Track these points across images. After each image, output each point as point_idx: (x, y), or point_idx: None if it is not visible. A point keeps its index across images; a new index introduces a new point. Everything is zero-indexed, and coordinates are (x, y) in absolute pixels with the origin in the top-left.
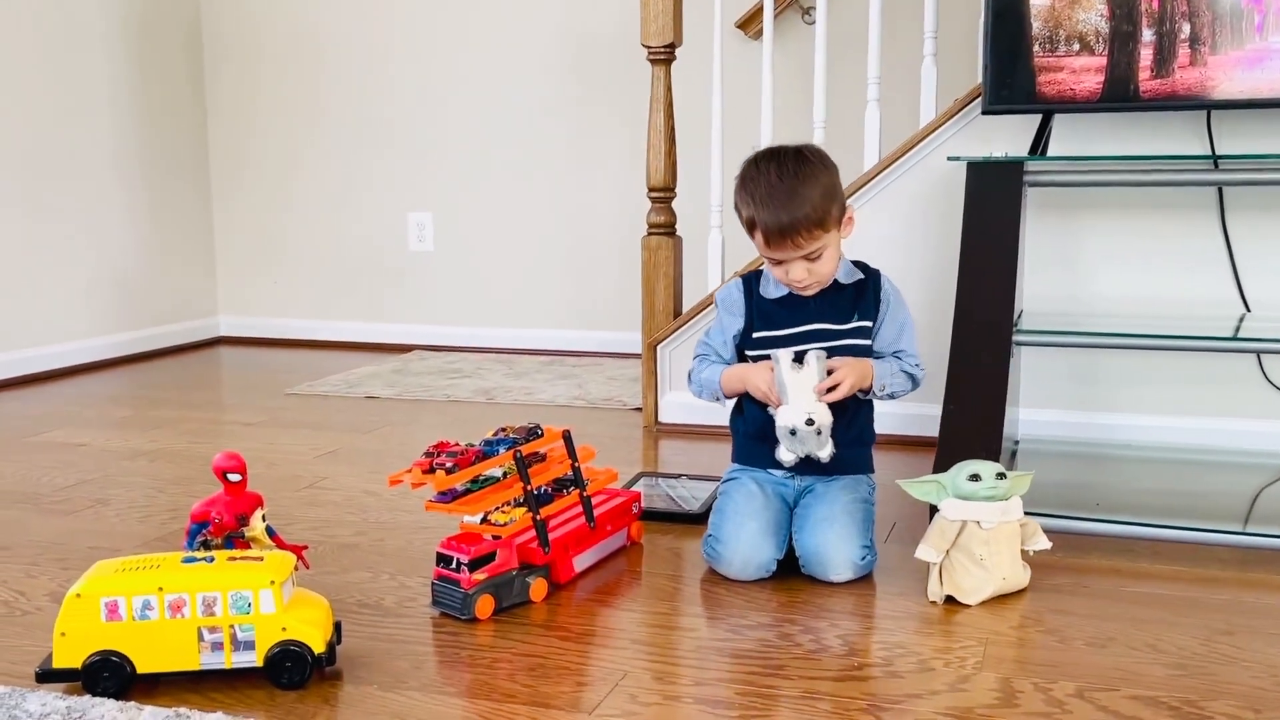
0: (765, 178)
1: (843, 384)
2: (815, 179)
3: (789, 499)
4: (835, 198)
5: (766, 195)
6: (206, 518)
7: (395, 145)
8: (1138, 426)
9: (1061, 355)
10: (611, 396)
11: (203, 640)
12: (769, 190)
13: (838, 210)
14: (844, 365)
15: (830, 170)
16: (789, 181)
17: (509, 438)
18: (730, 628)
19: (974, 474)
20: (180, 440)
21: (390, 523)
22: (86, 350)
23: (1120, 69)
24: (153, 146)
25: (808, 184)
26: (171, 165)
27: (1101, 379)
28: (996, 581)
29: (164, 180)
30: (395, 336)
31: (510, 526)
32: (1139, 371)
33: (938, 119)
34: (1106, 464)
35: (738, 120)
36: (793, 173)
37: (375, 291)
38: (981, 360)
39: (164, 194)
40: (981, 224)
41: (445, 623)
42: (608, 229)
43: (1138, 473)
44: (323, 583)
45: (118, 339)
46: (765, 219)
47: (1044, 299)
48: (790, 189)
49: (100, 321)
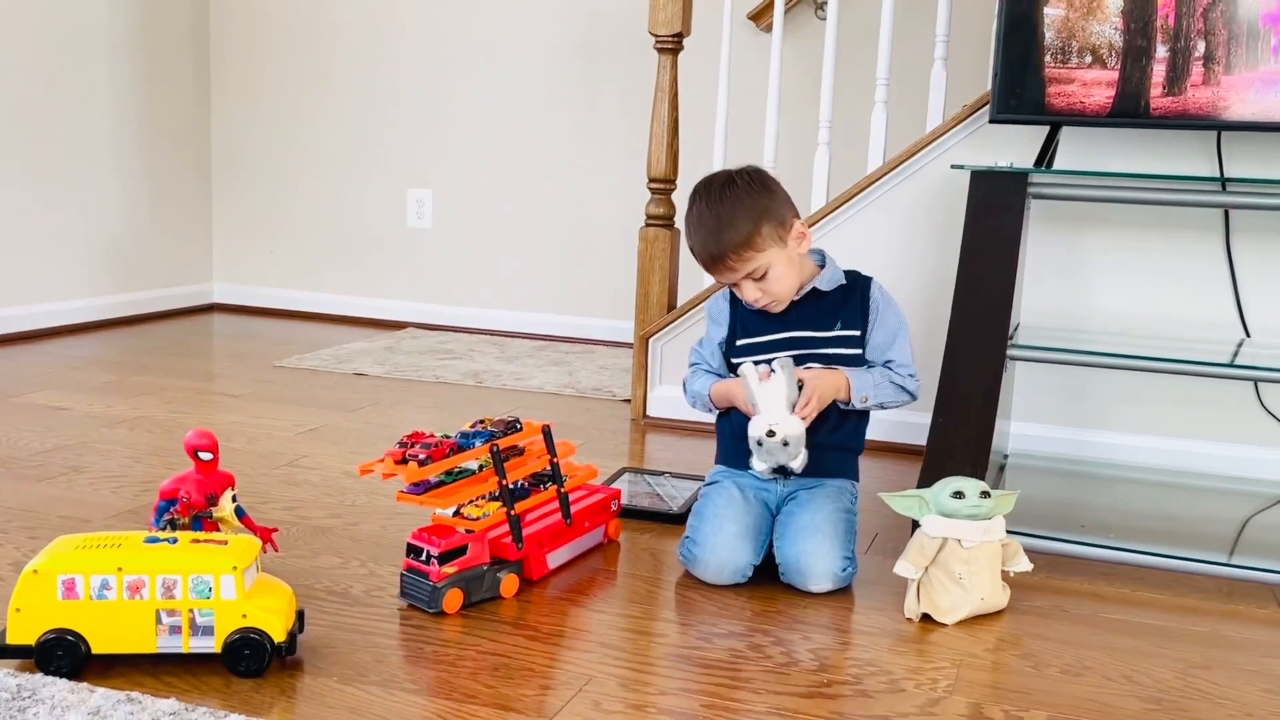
0: (695, 207)
1: (811, 402)
2: (740, 203)
3: (771, 504)
4: (767, 218)
5: (695, 224)
6: (175, 495)
7: (399, 120)
8: (1129, 446)
9: (1056, 370)
10: (601, 386)
11: (161, 623)
12: (697, 219)
13: (772, 229)
14: (813, 378)
15: (762, 192)
16: (715, 208)
17: (486, 430)
18: (701, 635)
19: (958, 491)
20: (163, 409)
21: (366, 506)
22: (76, 311)
23: (1132, 84)
24: (153, 110)
25: (733, 209)
26: (171, 129)
27: (1095, 395)
28: (974, 601)
29: (162, 144)
30: (389, 313)
31: (483, 521)
32: (1134, 390)
33: (944, 125)
34: (1095, 483)
35: (743, 113)
36: (719, 198)
37: (371, 266)
38: (975, 372)
39: (161, 157)
40: (982, 234)
41: (412, 615)
42: (609, 214)
43: (1126, 494)
44: (291, 567)
45: (108, 301)
46: (694, 247)
47: (1042, 313)
48: (715, 216)
49: (92, 283)
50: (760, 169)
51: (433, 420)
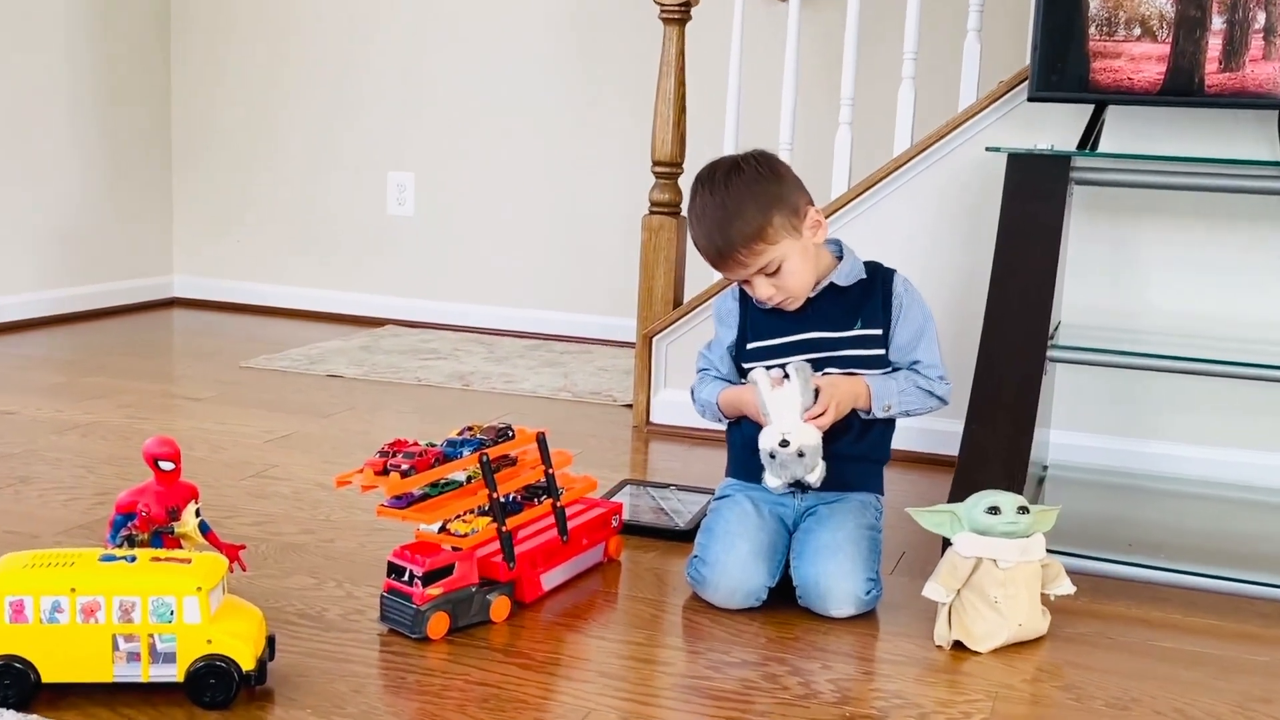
0: (699, 198)
1: (829, 410)
2: (748, 191)
3: (788, 520)
4: (778, 206)
5: (700, 216)
6: (133, 509)
7: (378, 97)
8: (1181, 457)
9: (1101, 373)
10: (600, 390)
11: (118, 649)
12: (701, 210)
13: (784, 218)
14: (829, 386)
15: (771, 178)
16: (720, 198)
17: (475, 438)
18: (711, 664)
19: (993, 506)
20: (119, 414)
21: (343, 521)
22: (22, 305)
23: (1185, 59)
24: (111, 88)
25: (740, 198)
26: (129, 110)
27: (1144, 401)
28: (1011, 628)
29: (120, 125)
30: (366, 308)
31: (472, 538)
32: (1186, 396)
33: (978, 103)
34: (1143, 498)
35: (757, 91)
36: (724, 186)
37: (347, 257)
38: (1011, 376)
39: (119, 139)
40: (1020, 224)
41: (393, 641)
42: (609, 201)
43: (1177, 510)
44: (261, 587)
45: (59, 294)
46: (699, 242)
47: (1085, 310)
48: (721, 206)
49: (41, 275)
50: (768, 153)
51: (415, 427)
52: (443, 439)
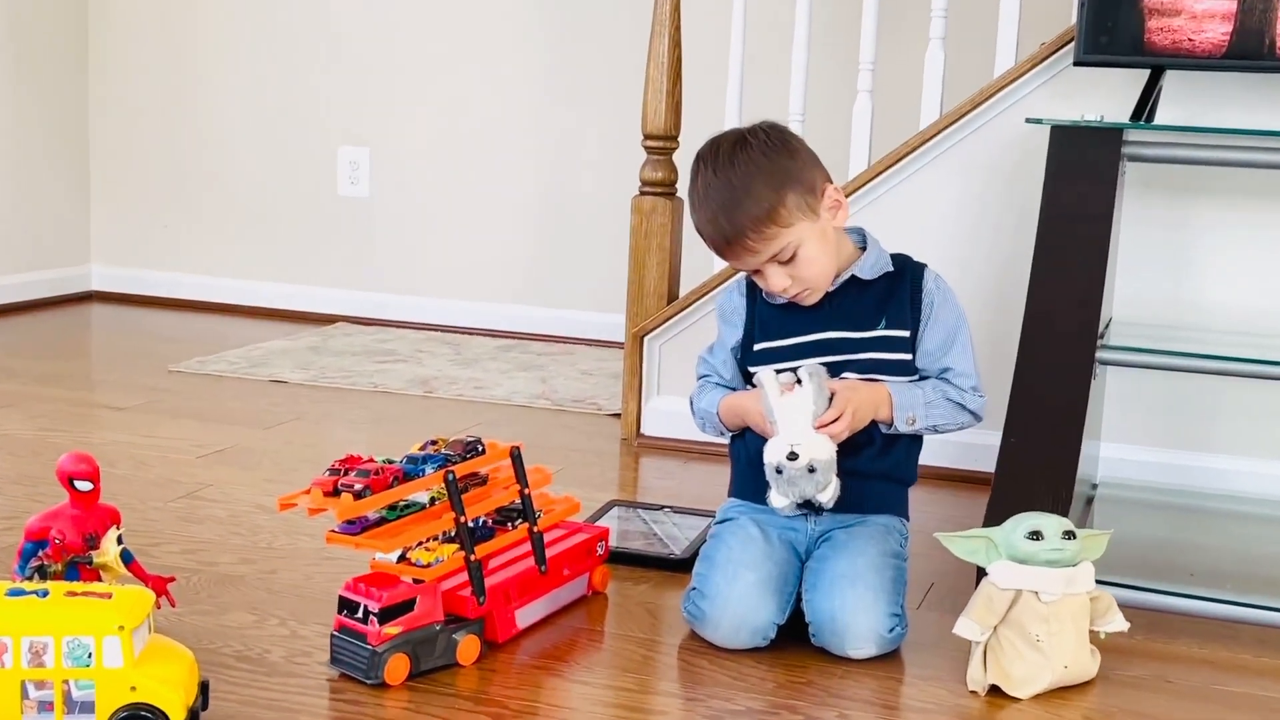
0: (702, 176)
1: (842, 417)
2: (757, 167)
3: (800, 547)
4: (792, 183)
5: (703, 197)
6: (45, 536)
7: (328, 61)
8: (1250, 473)
9: (1158, 378)
10: (583, 397)
11: (27, 698)
12: (705, 191)
13: (799, 197)
14: (846, 390)
15: (783, 152)
16: (725, 176)
17: (440, 454)
18: (711, 712)
19: (1034, 530)
20: (28, 426)
21: (287, 549)
22: None
23: (1254, 17)
24: (17, 52)
25: (748, 175)
26: (38, 75)
27: (1206, 410)
28: (1056, 670)
29: (27, 93)
30: (315, 303)
31: (436, 568)
32: (1254, 404)
33: (1017, 68)
34: (1207, 520)
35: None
36: (729, 163)
37: (292, 244)
38: (1056, 380)
39: (26, 110)
40: (1066, 206)
41: (346, 687)
42: (593, 180)
43: (1245, 534)
44: (192, 626)
45: None
46: (702, 227)
47: (1140, 305)
48: (727, 184)
49: None
50: (778, 124)
51: (371, 440)
52: (402, 455)
